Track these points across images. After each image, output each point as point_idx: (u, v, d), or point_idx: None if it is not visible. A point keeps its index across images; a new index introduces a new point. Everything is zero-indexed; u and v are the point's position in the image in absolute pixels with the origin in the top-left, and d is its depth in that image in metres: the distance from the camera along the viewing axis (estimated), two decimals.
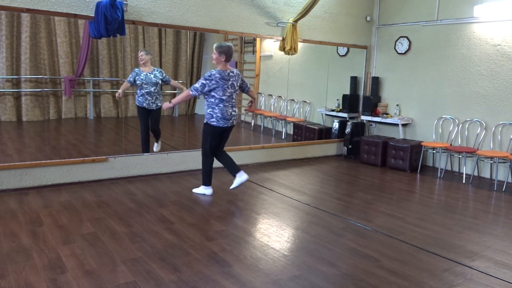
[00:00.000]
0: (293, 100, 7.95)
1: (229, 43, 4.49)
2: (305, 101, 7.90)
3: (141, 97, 5.66)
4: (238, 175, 4.58)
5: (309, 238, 3.59)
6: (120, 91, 5.60)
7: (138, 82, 5.60)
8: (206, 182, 4.71)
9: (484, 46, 5.98)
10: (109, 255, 3.08)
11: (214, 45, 4.39)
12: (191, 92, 4.38)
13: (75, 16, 4.70)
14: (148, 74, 5.62)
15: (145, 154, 5.49)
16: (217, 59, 4.36)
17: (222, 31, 5.78)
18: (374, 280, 2.87)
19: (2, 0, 4.24)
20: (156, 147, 5.95)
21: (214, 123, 4.43)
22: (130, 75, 5.61)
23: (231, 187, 4.64)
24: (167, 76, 5.82)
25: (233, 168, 4.62)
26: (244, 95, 7.90)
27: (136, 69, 5.64)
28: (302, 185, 5.32)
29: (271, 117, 7.90)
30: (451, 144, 6.30)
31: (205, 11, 5.55)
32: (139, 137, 5.84)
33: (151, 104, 5.70)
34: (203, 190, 4.74)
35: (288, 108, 7.98)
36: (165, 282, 2.72)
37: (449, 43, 6.38)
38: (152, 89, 5.64)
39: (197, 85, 4.36)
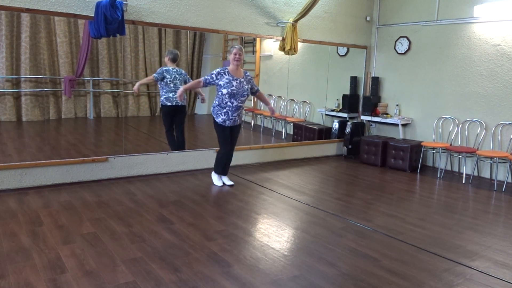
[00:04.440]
0: (293, 100, 7.95)
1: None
2: (305, 101, 7.90)
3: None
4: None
5: (309, 238, 3.59)
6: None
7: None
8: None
9: (484, 46, 5.98)
10: (109, 255, 3.08)
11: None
12: None
13: (75, 16, 4.70)
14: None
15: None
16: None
17: (222, 31, 5.78)
18: (374, 280, 2.87)
19: (2, 0, 4.24)
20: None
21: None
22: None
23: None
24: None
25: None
26: None
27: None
28: (302, 185, 5.31)
29: (271, 117, 7.89)
30: (451, 144, 6.30)
31: (205, 11, 5.55)
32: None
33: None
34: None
35: (288, 108, 7.98)
36: (165, 282, 2.72)
37: (449, 43, 6.38)
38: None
39: None
